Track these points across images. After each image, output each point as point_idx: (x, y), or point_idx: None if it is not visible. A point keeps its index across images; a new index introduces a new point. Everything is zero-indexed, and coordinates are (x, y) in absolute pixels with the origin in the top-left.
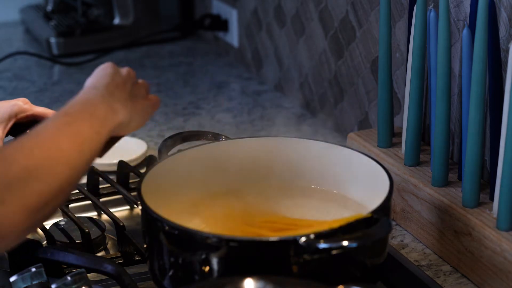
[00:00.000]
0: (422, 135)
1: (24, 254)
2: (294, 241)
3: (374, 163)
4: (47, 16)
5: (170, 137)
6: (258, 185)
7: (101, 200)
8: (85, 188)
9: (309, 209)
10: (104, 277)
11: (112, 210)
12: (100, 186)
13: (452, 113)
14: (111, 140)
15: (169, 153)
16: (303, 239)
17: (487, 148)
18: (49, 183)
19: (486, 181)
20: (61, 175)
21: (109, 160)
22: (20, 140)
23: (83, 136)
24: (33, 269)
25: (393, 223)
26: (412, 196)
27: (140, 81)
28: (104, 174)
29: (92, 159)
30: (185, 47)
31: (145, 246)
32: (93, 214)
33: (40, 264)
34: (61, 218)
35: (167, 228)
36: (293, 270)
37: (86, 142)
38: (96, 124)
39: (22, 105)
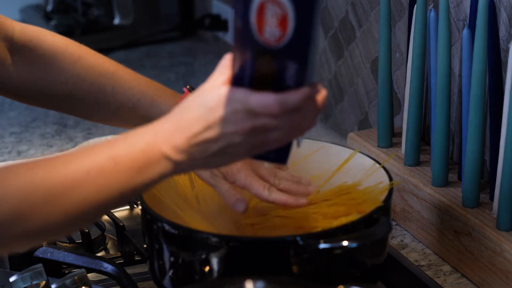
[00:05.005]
0: (422, 135)
1: (24, 254)
2: (294, 241)
3: (374, 163)
4: (47, 16)
5: None
6: None
7: None
8: None
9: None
10: (104, 277)
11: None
12: None
13: (452, 113)
14: None
15: None
16: (303, 239)
17: (487, 148)
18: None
19: (486, 181)
20: (55, 221)
21: None
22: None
23: (113, 192)
24: (33, 269)
25: (393, 223)
26: (412, 196)
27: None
28: None
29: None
30: (185, 47)
31: (145, 246)
32: None
33: (40, 264)
34: None
35: (167, 228)
36: (293, 270)
37: (114, 198)
38: (139, 179)
39: None
